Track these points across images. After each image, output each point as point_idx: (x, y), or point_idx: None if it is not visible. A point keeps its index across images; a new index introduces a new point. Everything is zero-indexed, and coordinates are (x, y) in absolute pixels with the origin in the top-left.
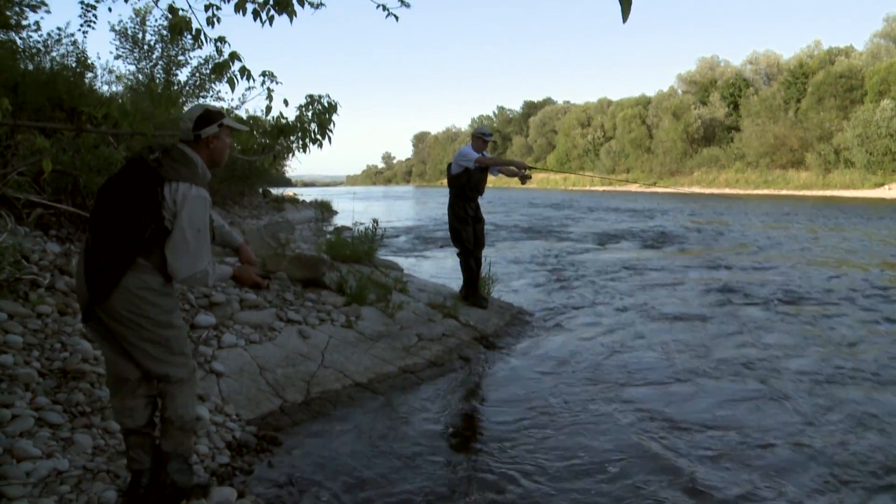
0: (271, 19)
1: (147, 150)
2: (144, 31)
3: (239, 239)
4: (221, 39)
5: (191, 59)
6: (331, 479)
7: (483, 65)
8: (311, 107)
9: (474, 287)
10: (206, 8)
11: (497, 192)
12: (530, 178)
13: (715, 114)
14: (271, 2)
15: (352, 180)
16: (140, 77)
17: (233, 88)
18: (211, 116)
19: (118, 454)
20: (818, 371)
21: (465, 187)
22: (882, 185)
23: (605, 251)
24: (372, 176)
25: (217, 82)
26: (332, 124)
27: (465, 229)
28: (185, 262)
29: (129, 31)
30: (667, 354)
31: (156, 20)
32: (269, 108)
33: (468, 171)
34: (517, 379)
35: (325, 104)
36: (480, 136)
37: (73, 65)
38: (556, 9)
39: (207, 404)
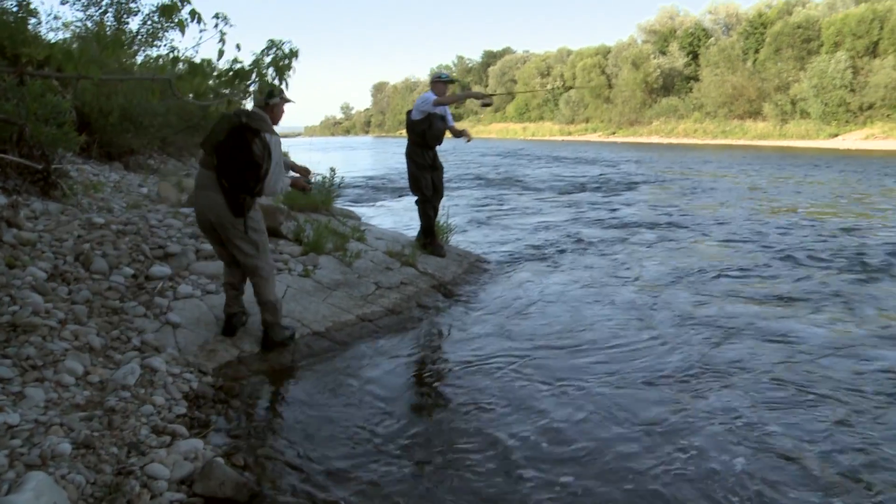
0: None
1: (236, 113)
2: None
3: (291, 161)
4: None
5: (143, 6)
6: (289, 430)
7: (443, 13)
8: (271, 51)
9: (432, 235)
10: None
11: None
12: (491, 104)
13: (674, 64)
14: None
15: (310, 131)
16: (89, 25)
17: (182, 32)
18: (274, 92)
19: (72, 407)
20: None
21: (425, 134)
22: (836, 135)
23: (555, 198)
24: (330, 126)
25: (170, 30)
26: (290, 70)
27: (424, 176)
28: (275, 184)
29: None
30: (602, 297)
31: None
32: (221, 52)
33: (430, 118)
34: (474, 327)
35: (287, 50)
36: (438, 79)
37: (14, 9)
38: None
39: (164, 355)
